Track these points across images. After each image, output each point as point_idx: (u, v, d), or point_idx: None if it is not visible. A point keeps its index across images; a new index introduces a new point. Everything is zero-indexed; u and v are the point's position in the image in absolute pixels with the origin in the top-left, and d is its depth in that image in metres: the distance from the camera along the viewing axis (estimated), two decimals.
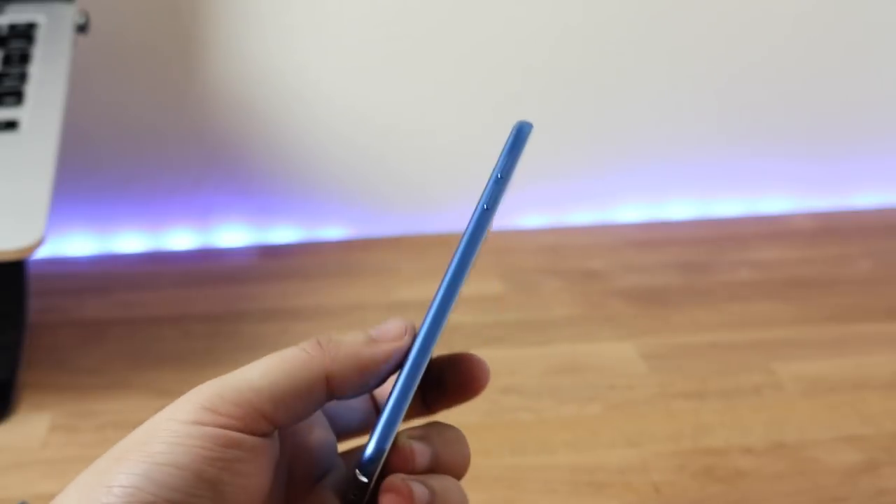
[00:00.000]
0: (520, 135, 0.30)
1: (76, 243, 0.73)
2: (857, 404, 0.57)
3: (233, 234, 0.75)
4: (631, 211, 0.80)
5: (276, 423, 0.26)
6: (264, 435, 0.26)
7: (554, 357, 0.60)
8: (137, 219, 0.74)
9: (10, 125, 0.54)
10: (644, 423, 0.54)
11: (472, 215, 0.29)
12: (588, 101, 0.76)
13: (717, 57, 0.75)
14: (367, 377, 0.28)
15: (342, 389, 0.27)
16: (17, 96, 0.55)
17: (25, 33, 0.59)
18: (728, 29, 0.75)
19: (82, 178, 0.71)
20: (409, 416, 0.30)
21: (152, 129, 0.72)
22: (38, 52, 0.58)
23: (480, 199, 0.29)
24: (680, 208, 0.81)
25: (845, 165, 0.82)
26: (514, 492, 0.49)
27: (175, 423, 0.25)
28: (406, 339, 0.28)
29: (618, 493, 0.49)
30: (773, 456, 0.52)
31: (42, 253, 0.62)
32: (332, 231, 0.76)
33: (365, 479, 0.27)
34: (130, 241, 0.74)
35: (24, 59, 0.58)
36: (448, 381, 0.31)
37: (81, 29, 0.62)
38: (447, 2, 0.71)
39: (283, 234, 0.76)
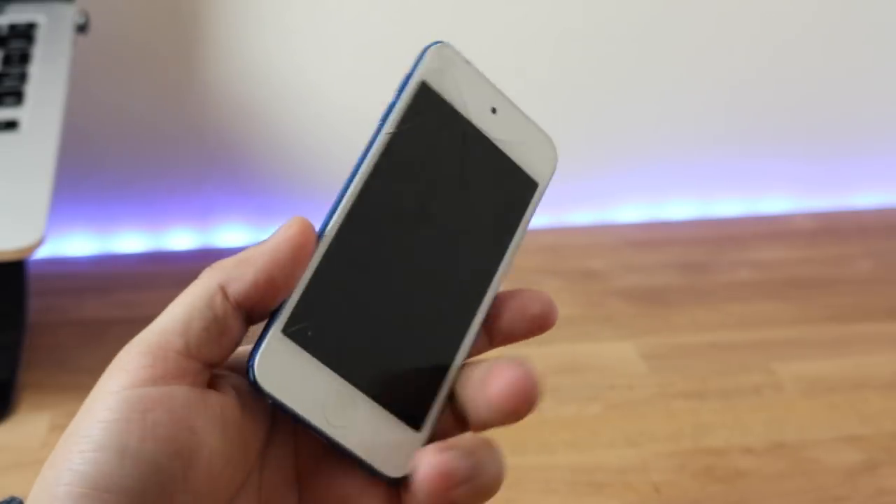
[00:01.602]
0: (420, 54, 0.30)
1: (76, 243, 0.73)
2: (857, 404, 0.57)
3: (233, 234, 0.75)
4: (631, 211, 0.80)
5: (193, 355, 0.25)
6: (193, 381, 0.25)
7: (554, 357, 0.60)
8: (137, 219, 0.74)
9: (10, 125, 0.54)
10: (644, 423, 0.54)
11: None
12: (588, 101, 0.76)
13: (717, 58, 0.75)
14: (260, 273, 0.26)
15: (243, 295, 0.26)
16: (17, 96, 0.55)
17: (25, 33, 0.59)
18: (728, 30, 0.74)
19: (82, 178, 0.71)
20: (472, 352, 0.29)
21: (152, 129, 0.72)
22: (38, 52, 0.58)
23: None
24: (680, 208, 0.80)
25: (845, 165, 0.82)
26: (514, 492, 0.49)
27: (96, 403, 0.24)
28: (291, 228, 0.27)
29: (618, 493, 0.49)
30: (773, 456, 0.52)
31: (42, 253, 0.62)
32: None
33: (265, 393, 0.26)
34: (130, 241, 0.74)
35: (24, 59, 0.58)
36: (508, 313, 0.29)
37: (81, 29, 0.62)
38: (448, 2, 0.71)
39: None
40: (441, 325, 0.29)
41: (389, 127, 0.29)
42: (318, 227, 0.28)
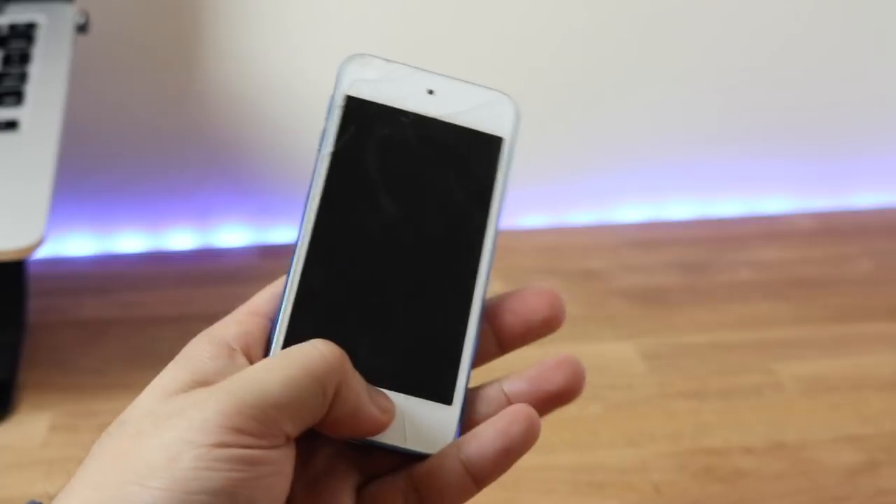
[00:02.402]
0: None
1: (76, 243, 0.73)
2: (857, 404, 0.57)
3: (233, 234, 0.75)
4: (631, 211, 0.80)
5: (292, 436, 0.26)
6: (282, 446, 0.25)
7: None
8: (137, 219, 0.74)
9: (10, 125, 0.54)
10: (644, 423, 0.54)
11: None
12: (588, 101, 0.76)
13: (717, 58, 0.75)
14: (353, 430, 0.27)
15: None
16: (17, 96, 0.55)
17: (25, 33, 0.59)
18: (728, 30, 0.74)
19: (82, 178, 0.71)
20: (481, 359, 0.30)
21: (152, 129, 0.72)
22: (38, 52, 0.58)
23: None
24: (680, 208, 0.80)
25: (845, 165, 0.82)
26: (514, 492, 0.49)
27: (198, 448, 0.24)
28: (389, 417, 0.28)
29: (618, 493, 0.49)
30: (773, 456, 0.52)
31: (42, 253, 0.62)
32: None
33: None
34: (130, 241, 0.74)
35: (24, 59, 0.58)
36: (514, 314, 0.30)
37: (81, 29, 0.62)
38: (449, 3, 0.71)
39: (283, 234, 0.76)
40: (443, 301, 0.30)
41: (327, 148, 0.30)
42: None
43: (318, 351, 0.26)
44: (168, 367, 0.27)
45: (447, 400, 0.29)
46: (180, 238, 0.74)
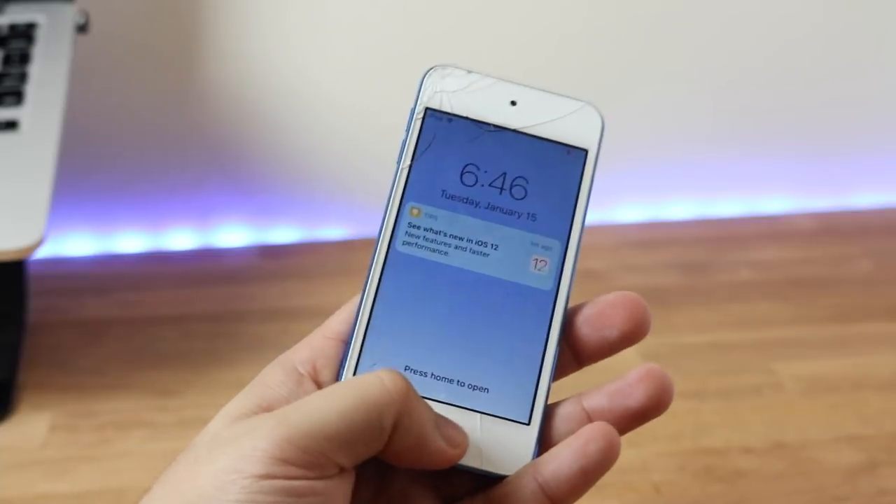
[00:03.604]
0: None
1: (76, 243, 0.73)
2: (857, 404, 0.57)
3: (233, 234, 0.75)
4: (631, 211, 0.80)
5: (346, 467, 0.25)
6: (334, 476, 0.25)
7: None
8: (137, 219, 0.74)
9: (10, 125, 0.54)
10: None
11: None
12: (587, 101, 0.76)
13: (717, 57, 0.75)
14: (418, 462, 0.26)
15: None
16: (17, 96, 0.55)
17: (25, 33, 0.59)
18: (729, 30, 0.74)
19: (82, 178, 0.71)
20: (558, 373, 0.30)
21: (152, 129, 0.72)
22: (38, 52, 0.58)
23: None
24: (680, 208, 0.80)
25: (845, 165, 0.81)
26: None
27: (245, 479, 0.23)
28: (461, 450, 0.27)
29: (618, 493, 0.49)
30: (773, 456, 0.52)
31: (42, 253, 0.62)
32: (332, 231, 0.76)
33: None
34: (130, 241, 0.74)
35: (24, 59, 0.58)
36: (591, 327, 0.30)
37: (81, 29, 0.62)
38: (448, 4, 0.71)
39: (283, 234, 0.76)
40: (522, 318, 0.29)
41: (406, 161, 0.30)
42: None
43: (379, 380, 0.25)
44: (239, 394, 0.27)
45: (526, 419, 0.28)
46: (180, 238, 0.74)
